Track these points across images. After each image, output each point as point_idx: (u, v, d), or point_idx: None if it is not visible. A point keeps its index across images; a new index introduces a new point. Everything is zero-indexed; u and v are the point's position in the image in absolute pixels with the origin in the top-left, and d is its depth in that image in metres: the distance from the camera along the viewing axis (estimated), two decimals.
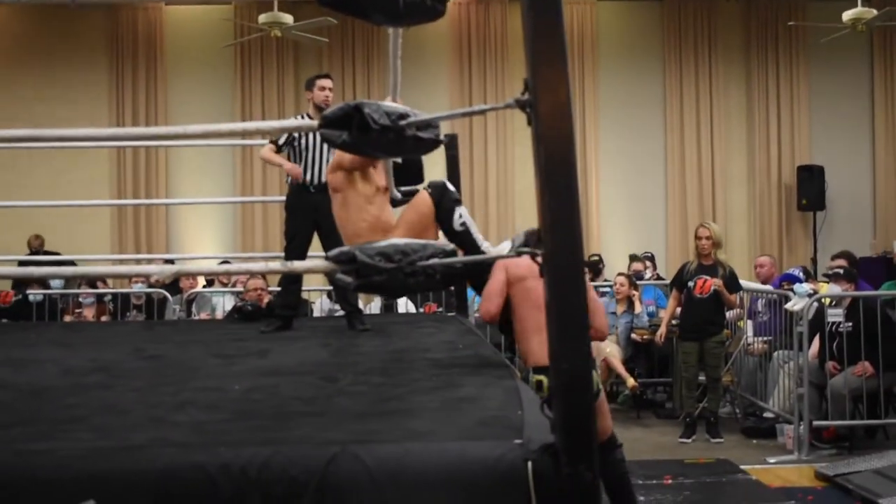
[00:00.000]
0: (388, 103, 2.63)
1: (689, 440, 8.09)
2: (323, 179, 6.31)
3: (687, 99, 12.79)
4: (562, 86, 2.24)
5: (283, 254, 6.52)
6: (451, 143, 7.65)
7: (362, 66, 12.63)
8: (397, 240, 2.46)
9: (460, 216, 4.66)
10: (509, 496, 2.31)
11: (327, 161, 6.37)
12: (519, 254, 2.39)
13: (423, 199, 4.73)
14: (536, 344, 4.28)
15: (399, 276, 2.39)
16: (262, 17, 11.14)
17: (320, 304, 10.36)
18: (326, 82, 6.33)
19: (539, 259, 2.29)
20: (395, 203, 6.90)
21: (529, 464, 2.31)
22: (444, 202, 4.69)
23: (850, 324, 7.64)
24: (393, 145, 2.59)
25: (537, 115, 2.25)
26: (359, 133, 2.52)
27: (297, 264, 2.62)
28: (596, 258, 11.32)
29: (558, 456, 2.27)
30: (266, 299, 7.43)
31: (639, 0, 13.01)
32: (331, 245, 5.31)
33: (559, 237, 2.24)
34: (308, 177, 6.27)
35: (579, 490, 2.23)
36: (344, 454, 2.37)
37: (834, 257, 8.92)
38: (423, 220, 4.69)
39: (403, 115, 2.55)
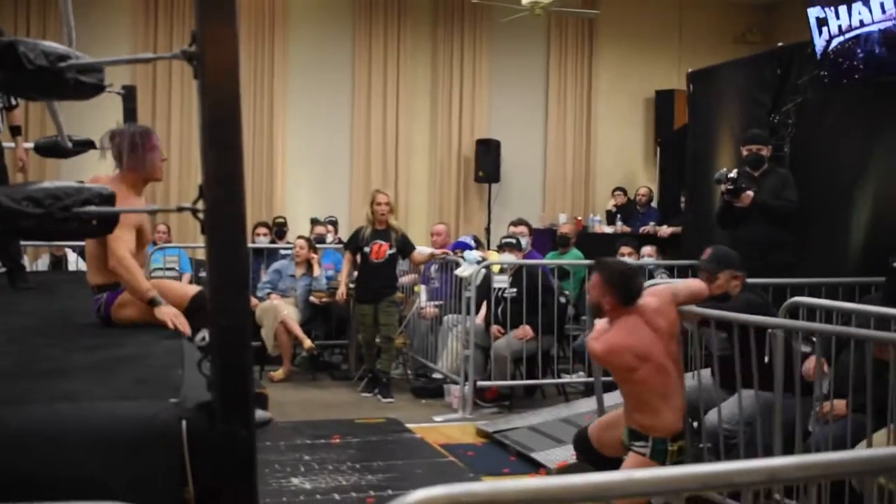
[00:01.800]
0: (49, 43, 2.47)
1: (371, 394, 8.40)
2: None
3: (375, 68, 12.94)
4: (229, 40, 2.21)
5: None
6: (129, 95, 7.31)
7: (38, 13, 11.71)
8: (49, 183, 2.32)
9: None
10: (163, 454, 2.27)
11: None
12: (180, 210, 2.33)
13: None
14: (667, 412, 4.34)
15: (49, 222, 2.26)
16: None
17: None
18: None
19: (200, 215, 2.26)
20: (67, 153, 6.54)
21: (184, 422, 2.28)
22: None
23: (515, 290, 8.11)
24: (51, 87, 2.46)
25: (203, 68, 2.21)
26: (12, 72, 2.36)
27: None
28: (281, 220, 11.30)
29: (214, 414, 2.26)
30: None
31: None
32: None
33: (221, 192, 2.22)
34: None
35: (234, 447, 2.23)
36: None
37: (513, 224, 9.32)
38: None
39: (64, 57, 2.42)
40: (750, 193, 7.07)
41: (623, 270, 4.67)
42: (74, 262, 9.19)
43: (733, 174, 7.16)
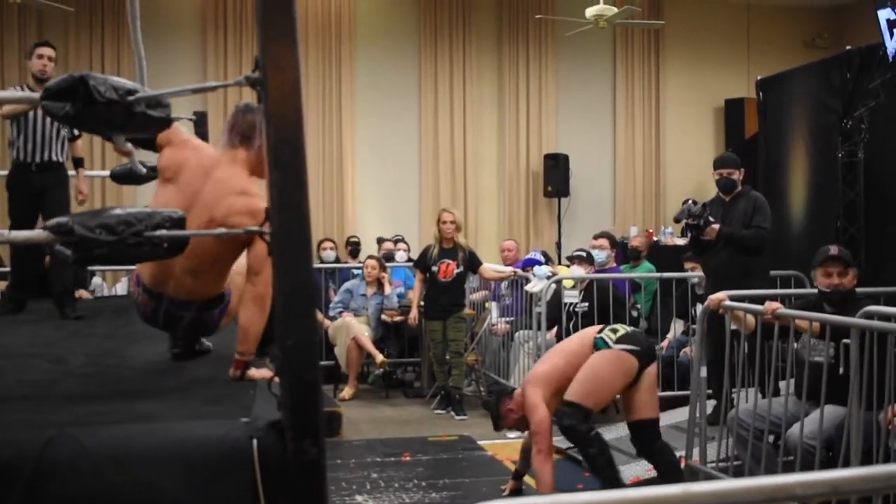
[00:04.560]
0: (117, 78, 2.55)
1: (444, 411, 8.45)
2: (47, 157, 6.03)
3: (441, 86, 13.02)
4: (291, 66, 2.26)
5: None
6: (201, 121, 7.50)
7: (112, 39, 12.03)
8: (121, 209, 2.39)
9: None
10: (235, 473, 2.32)
11: (53, 139, 6.08)
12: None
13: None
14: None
15: (122, 248, 2.32)
16: None
17: None
18: (45, 50, 6.04)
19: (267, 238, 2.31)
20: (141, 179, 6.69)
21: (255, 441, 2.32)
22: None
23: (586, 304, 8.06)
24: (120, 121, 2.52)
25: (266, 93, 2.26)
26: (83, 106, 2.44)
27: (14, 234, 2.49)
28: (355, 240, 11.44)
29: (284, 432, 2.30)
30: None
31: None
32: None
33: (286, 216, 2.26)
34: (31, 154, 5.98)
35: (304, 465, 2.27)
36: (61, 437, 2.30)
37: (595, 237, 9.21)
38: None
39: (132, 91, 2.49)
40: (715, 227, 6.74)
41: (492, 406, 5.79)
42: None
43: (696, 209, 6.87)
